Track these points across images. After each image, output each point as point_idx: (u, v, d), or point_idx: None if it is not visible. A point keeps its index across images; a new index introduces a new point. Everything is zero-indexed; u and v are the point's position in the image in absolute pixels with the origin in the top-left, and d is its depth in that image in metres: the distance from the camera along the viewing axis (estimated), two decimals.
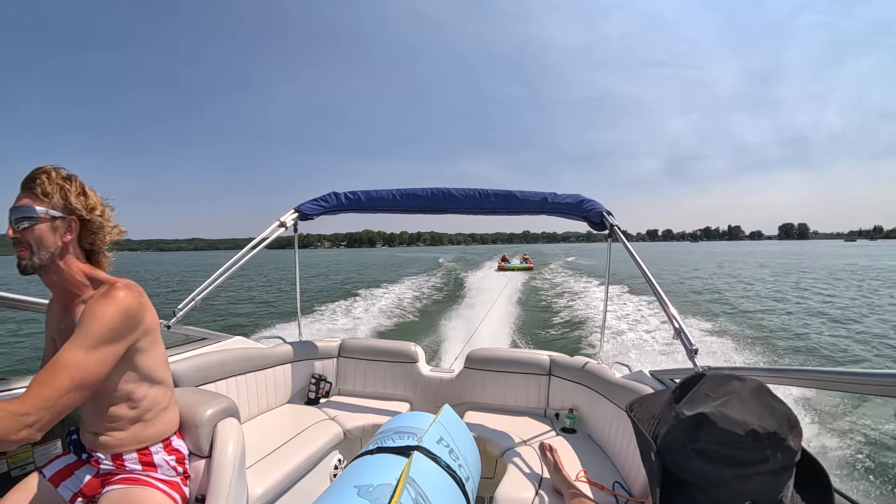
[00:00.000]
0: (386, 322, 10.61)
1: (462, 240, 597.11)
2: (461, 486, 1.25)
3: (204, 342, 2.29)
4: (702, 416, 0.57)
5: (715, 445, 0.55)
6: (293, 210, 2.62)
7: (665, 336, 8.61)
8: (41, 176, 1.06)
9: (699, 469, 0.57)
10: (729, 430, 0.55)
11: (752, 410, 0.57)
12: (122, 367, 1.11)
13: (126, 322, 1.06)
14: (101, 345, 1.01)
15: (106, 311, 1.03)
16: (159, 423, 1.23)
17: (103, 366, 1.02)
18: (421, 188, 2.55)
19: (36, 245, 1.05)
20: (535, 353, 2.66)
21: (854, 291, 16.67)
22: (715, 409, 0.57)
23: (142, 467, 1.18)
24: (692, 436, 0.58)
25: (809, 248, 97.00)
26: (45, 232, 1.06)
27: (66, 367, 0.96)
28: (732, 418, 0.55)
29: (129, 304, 1.07)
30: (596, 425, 2.20)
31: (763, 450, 0.54)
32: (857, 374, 1.03)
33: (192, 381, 1.95)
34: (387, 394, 2.78)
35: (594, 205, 2.35)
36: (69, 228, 1.10)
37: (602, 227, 2.35)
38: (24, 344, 8.58)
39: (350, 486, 1.05)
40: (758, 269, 30.23)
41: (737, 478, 0.55)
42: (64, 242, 1.09)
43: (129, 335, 1.09)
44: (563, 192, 2.42)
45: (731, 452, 0.54)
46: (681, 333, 1.73)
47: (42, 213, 1.05)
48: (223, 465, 1.32)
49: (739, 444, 0.54)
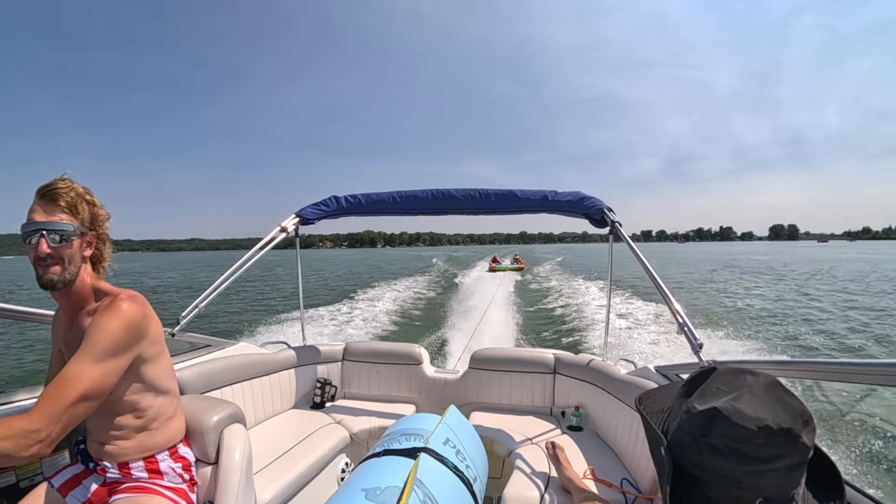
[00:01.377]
0: (385, 324, 10.60)
1: (460, 240, 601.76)
2: (469, 486, 1.25)
3: (208, 349, 2.29)
4: (714, 410, 0.56)
5: (728, 441, 0.54)
6: (294, 215, 2.62)
7: (659, 330, 8.73)
8: (69, 191, 1.07)
9: (711, 465, 0.56)
10: (742, 426, 0.54)
11: (766, 405, 0.56)
12: (127, 378, 1.12)
13: (131, 334, 1.07)
14: (106, 357, 1.02)
15: (110, 323, 1.04)
16: (165, 431, 1.23)
17: (109, 378, 1.03)
18: (421, 190, 2.55)
19: (69, 261, 1.06)
20: (540, 351, 2.66)
21: (776, 286, 19.64)
22: (728, 403, 0.57)
23: (148, 475, 1.18)
24: (704, 430, 0.57)
25: (785, 248, 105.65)
26: (77, 248, 1.08)
27: (72, 380, 0.96)
28: (746, 413, 0.54)
29: (132, 316, 1.08)
30: (602, 423, 2.19)
31: (777, 446, 0.53)
32: (864, 364, 1.03)
33: (198, 388, 1.95)
34: (392, 396, 2.78)
35: (595, 202, 2.34)
36: (90, 244, 1.12)
37: (603, 224, 2.34)
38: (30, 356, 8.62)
39: (358, 490, 1.05)
40: (714, 267, 34.01)
41: (749, 474, 0.54)
42: (85, 257, 1.11)
43: (134, 347, 1.09)
44: (563, 190, 2.42)
45: (744, 448, 0.54)
46: (685, 328, 1.73)
47: (79, 230, 1.07)
48: (230, 471, 1.32)
49: (752, 439, 0.53)
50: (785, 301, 14.39)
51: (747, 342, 8.40)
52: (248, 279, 22.20)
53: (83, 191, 1.11)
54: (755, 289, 18.08)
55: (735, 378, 0.62)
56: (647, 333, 8.81)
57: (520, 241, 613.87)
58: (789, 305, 13.47)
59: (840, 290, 17.24)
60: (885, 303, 13.57)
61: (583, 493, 1.40)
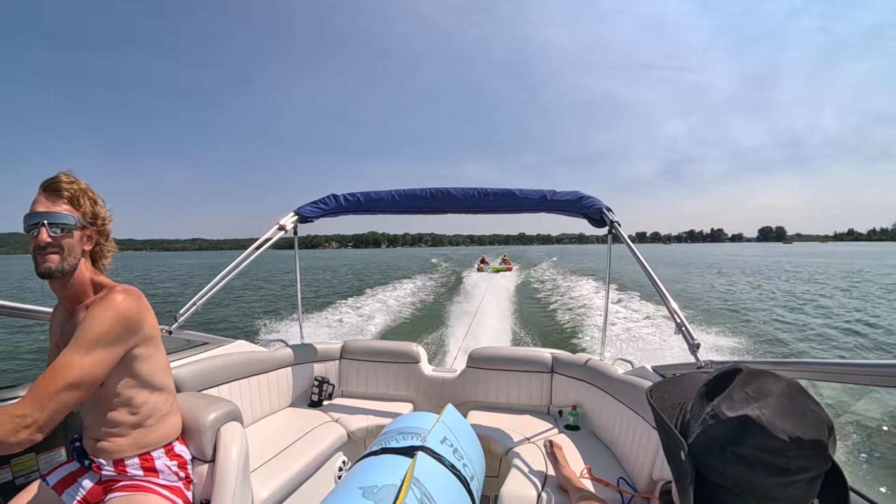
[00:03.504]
0: (383, 322, 10.60)
1: (461, 241, 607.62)
2: (466, 485, 1.25)
3: (206, 347, 2.29)
4: (747, 419, 0.55)
5: (759, 452, 0.53)
6: (292, 213, 2.61)
7: (653, 331, 8.80)
8: (72, 185, 1.10)
9: (737, 474, 0.55)
10: (776, 437, 0.53)
11: (794, 415, 0.55)
12: (121, 373, 1.12)
13: (123, 326, 1.08)
14: (97, 347, 1.03)
15: (103, 314, 1.05)
16: (161, 428, 1.23)
17: (99, 367, 1.04)
18: (420, 188, 2.55)
19: (68, 251, 1.09)
20: (537, 350, 2.66)
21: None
22: (760, 411, 0.55)
23: (143, 473, 1.18)
24: (734, 440, 0.55)
25: (758, 250, 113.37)
26: (77, 240, 1.11)
27: (61, 367, 0.98)
28: (778, 424, 0.54)
29: (126, 309, 1.09)
30: (599, 422, 2.20)
31: (806, 458, 0.53)
32: (864, 365, 1.03)
33: (195, 385, 1.95)
34: (390, 394, 2.78)
35: (594, 201, 2.34)
36: (90, 238, 1.15)
37: (602, 224, 2.34)
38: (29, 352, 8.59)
39: (355, 488, 1.05)
40: (682, 265, 38.16)
41: (777, 485, 0.53)
42: (85, 251, 1.14)
43: (128, 339, 1.10)
44: (562, 190, 2.42)
45: (776, 460, 0.53)
46: (682, 328, 1.73)
47: (79, 222, 1.10)
48: (227, 469, 1.32)
49: (784, 451, 0.53)
50: (696, 294, 16.42)
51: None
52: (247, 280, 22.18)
53: (86, 187, 1.14)
54: (677, 283, 20.21)
55: (761, 381, 0.60)
56: (642, 331, 8.87)
57: (518, 241, 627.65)
58: (698, 296, 15.46)
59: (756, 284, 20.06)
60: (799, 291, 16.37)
61: (580, 492, 1.40)
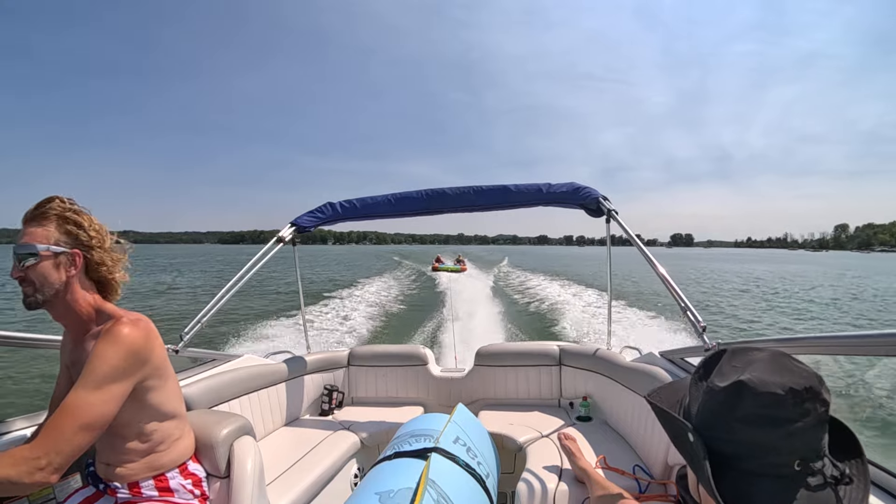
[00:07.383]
0: (375, 325, 10.39)
1: (402, 240, 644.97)
2: (482, 483, 1.25)
3: (213, 363, 2.29)
4: (739, 383, 0.59)
5: (759, 409, 0.57)
6: (290, 224, 2.61)
7: (642, 316, 8.87)
8: (38, 209, 1.07)
9: (744, 437, 0.58)
10: (770, 392, 0.57)
11: (782, 371, 0.59)
12: (132, 405, 1.10)
13: (131, 360, 1.06)
14: (105, 384, 1.01)
15: (109, 350, 1.03)
16: (173, 451, 1.23)
17: (110, 405, 1.02)
18: (415, 191, 2.55)
19: (39, 282, 1.06)
20: (544, 344, 2.66)
21: None
22: (750, 374, 0.59)
23: (159, 493, 1.18)
24: (732, 405, 0.59)
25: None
26: (49, 269, 1.06)
27: (72, 408, 0.97)
28: (769, 380, 0.58)
29: (133, 342, 1.06)
30: (611, 411, 2.20)
31: (803, 404, 0.56)
32: (866, 336, 1.03)
33: (205, 402, 1.95)
34: (400, 398, 2.78)
35: (590, 192, 2.34)
36: (73, 263, 1.10)
37: (599, 214, 2.35)
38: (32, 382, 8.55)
39: (371, 494, 1.05)
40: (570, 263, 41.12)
41: (783, 436, 0.57)
42: (69, 277, 1.09)
43: (136, 373, 1.08)
44: (558, 182, 2.42)
45: (776, 412, 0.56)
46: (688, 311, 1.73)
47: (43, 251, 1.05)
48: (242, 484, 1.32)
49: (781, 402, 0.56)
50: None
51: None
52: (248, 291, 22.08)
53: (61, 209, 1.08)
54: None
55: (745, 355, 0.64)
56: (635, 317, 8.95)
57: (458, 241, 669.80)
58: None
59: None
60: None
61: (597, 483, 1.41)
